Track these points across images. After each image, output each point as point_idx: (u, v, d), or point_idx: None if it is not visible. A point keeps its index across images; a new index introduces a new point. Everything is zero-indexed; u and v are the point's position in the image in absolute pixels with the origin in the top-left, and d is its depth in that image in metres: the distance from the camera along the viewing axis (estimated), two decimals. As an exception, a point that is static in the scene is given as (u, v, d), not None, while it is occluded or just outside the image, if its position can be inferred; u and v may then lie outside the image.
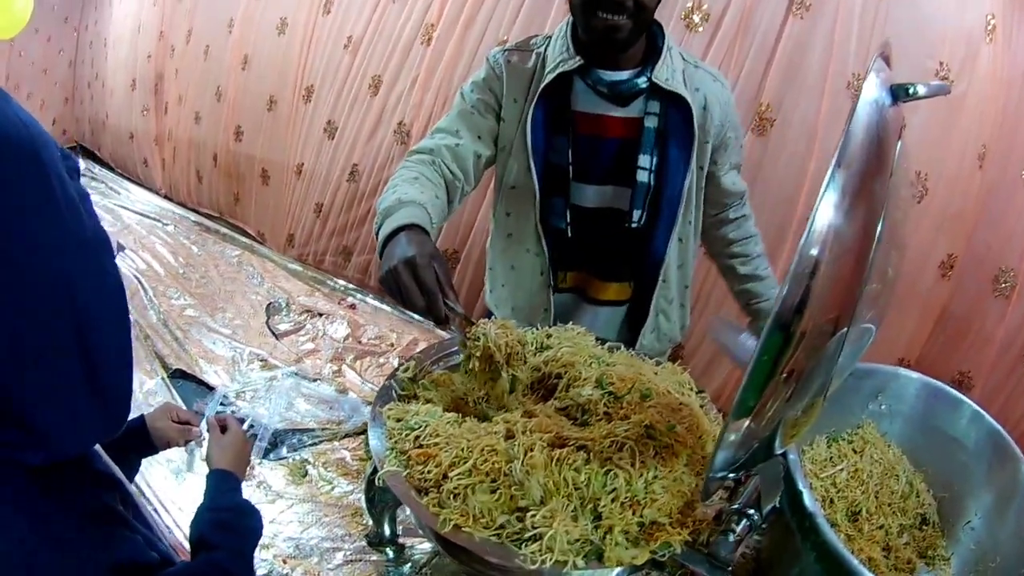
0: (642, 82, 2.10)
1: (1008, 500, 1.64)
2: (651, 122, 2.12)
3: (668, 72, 2.10)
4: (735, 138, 2.28)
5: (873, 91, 1.02)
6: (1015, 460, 1.64)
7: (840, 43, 3.66)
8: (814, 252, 0.93)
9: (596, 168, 2.19)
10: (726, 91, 2.25)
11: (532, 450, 1.37)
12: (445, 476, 1.35)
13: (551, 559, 1.22)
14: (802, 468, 1.55)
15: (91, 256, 1.06)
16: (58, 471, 1.14)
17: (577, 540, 1.26)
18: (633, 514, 1.31)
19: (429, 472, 1.36)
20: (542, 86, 2.11)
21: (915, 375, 1.87)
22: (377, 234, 1.79)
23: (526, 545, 1.25)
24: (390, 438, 1.47)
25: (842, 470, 1.74)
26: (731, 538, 1.27)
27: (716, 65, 3.70)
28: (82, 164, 4.17)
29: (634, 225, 2.19)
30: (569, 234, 2.22)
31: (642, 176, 2.14)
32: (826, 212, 0.93)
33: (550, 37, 2.21)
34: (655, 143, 2.13)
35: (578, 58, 2.08)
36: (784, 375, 0.97)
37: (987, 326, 3.91)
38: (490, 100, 2.21)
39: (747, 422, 1.05)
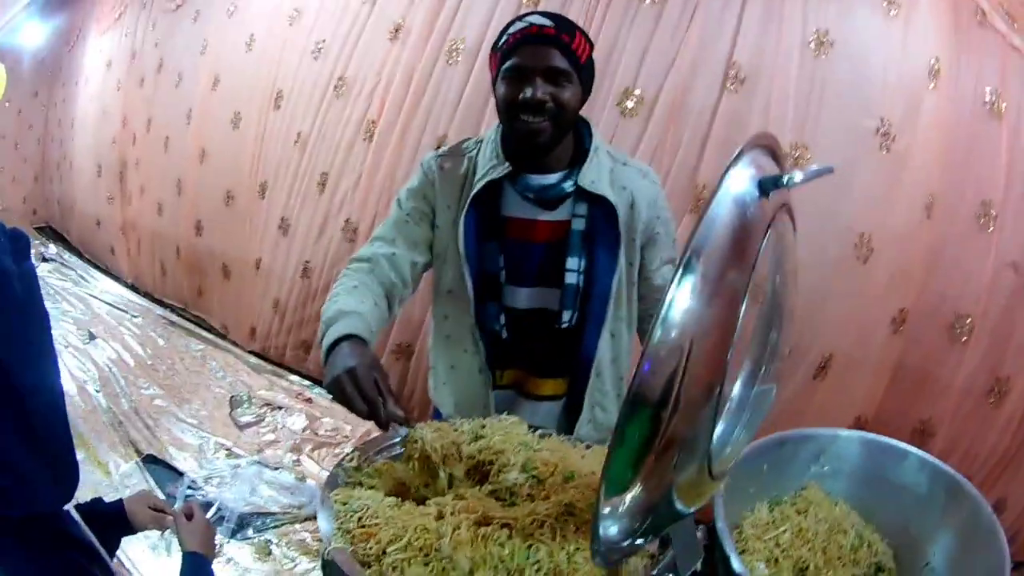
0: (568, 186, 2.15)
1: (970, 537, 1.65)
2: (578, 224, 2.17)
3: (594, 174, 2.16)
4: (664, 233, 2.31)
5: (737, 186, 1.08)
6: (971, 498, 1.65)
7: (776, 115, 3.72)
8: (672, 335, 1.00)
9: (527, 271, 2.24)
10: (655, 187, 2.29)
11: (459, 528, 1.46)
12: (384, 552, 1.43)
13: (480, 626, 1.28)
14: (742, 533, 1.60)
15: (18, 328, 1.17)
16: (38, 529, 1.25)
17: (505, 609, 1.32)
18: None
19: (371, 548, 1.44)
20: (472, 194, 2.17)
21: (856, 433, 1.87)
22: (321, 342, 1.90)
23: (458, 614, 1.31)
24: (337, 519, 1.54)
25: (785, 531, 1.72)
26: (652, 599, 1.30)
27: (652, 148, 3.79)
28: (53, 249, 4.31)
29: (564, 325, 2.22)
30: (504, 335, 2.26)
31: (570, 278, 2.18)
32: (683, 297, 1.00)
33: (482, 141, 2.27)
34: (582, 245, 2.18)
35: (507, 164, 2.15)
36: (661, 448, 1.05)
37: (945, 373, 3.93)
38: (424, 208, 2.27)
39: (633, 492, 1.11)
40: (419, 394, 4.44)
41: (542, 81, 2.01)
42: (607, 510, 1.13)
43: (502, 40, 2.08)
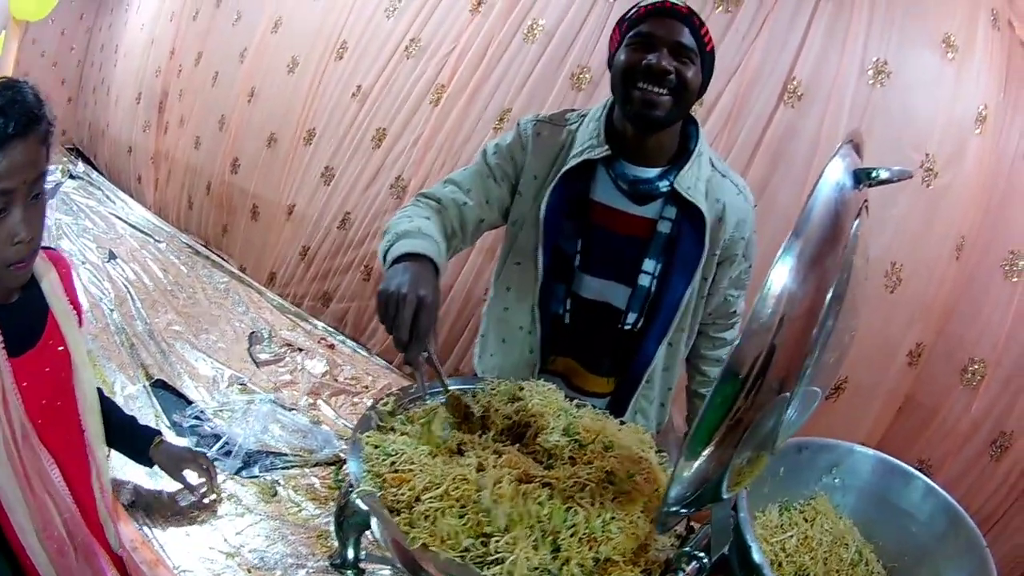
0: (663, 186, 2.08)
1: (961, 569, 1.63)
2: (664, 227, 2.11)
3: (691, 180, 2.08)
4: (743, 256, 2.25)
5: (836, 173, 1.10)
6: (968, 529, 1.65)
7: (828, 134, 3.72)
8: (768, 311, 1.01)
9: (601, 261, 2.17)
10: (747, 207, 2.21)
11: (500, 482, 1.45)
12: (417, 499, 1.41)
13: (511, 582, 1.28)
14: (753, 531, 1.60)
15: None
16: None
17: (536, 568, 1.32)
18: (590, 549, 1.36)
19: (402, 495, 1.43)
20: (564, 169, 2.09)
21: (871, 451, 1.86)
22: (388, 249, 1.82)
23: (488, 568, 1.31)
24: (367, 462, 1.54)
25: (792, 536, 1.72)
26: None
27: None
28: (81, 167, 4.31)
29: (627, 327, 2.19)
30: (566, 321, 2.22)
31: (644, 280, 2.14)
32: (781, 276, 1.01)
33: (585, 115, 2.19)
34: (663, 248, 2.12)
35: (606, 147, 2.06)
36: (732, 423, 1.06)
37: (952, 415, 3.92)
38: (509, 169, 2.20)
39: (698, 462, 1.13)
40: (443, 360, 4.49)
41: (668, 53, 1.95)
42: (681, 473, 1.13)
43: (631, 11, 2.03)
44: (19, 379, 1.55)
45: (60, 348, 1.71)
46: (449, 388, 1.79)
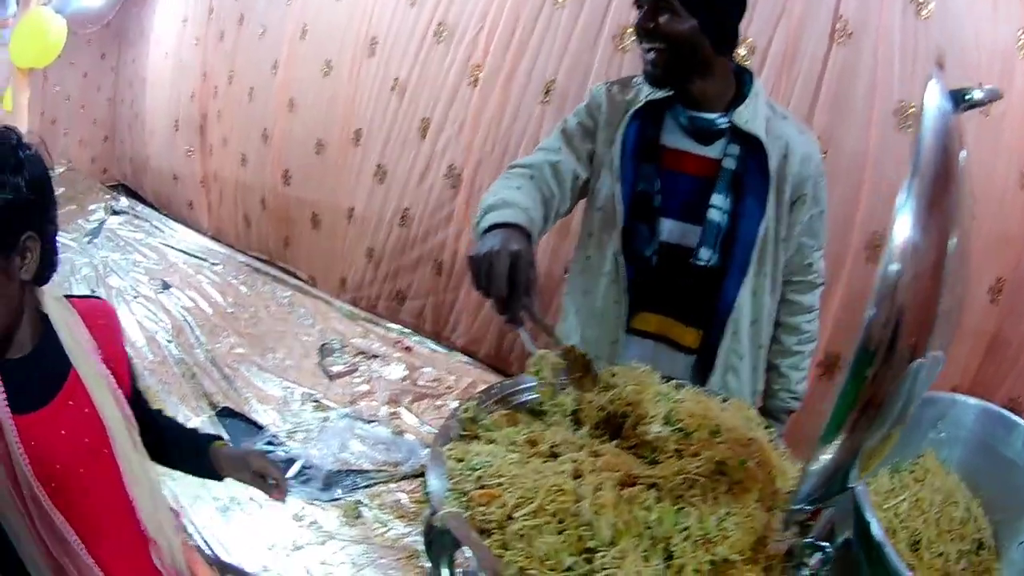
0: (721, 122, 2.13)
1: None
2: (729, 163, 2.14)
3: (749, 115, 2.12)
4: (813, 198, 2.24)
5: (935, 98, 1.03)
6: None
7: (883, 69, 3.69)
8: (896, 268, 0.90)
9: (674, 203, 2.19)
10: (812, 145, 2.26)
11: (601, 489, 1.34)
12: (510, 517, 1.30)
13: (622, 601, 1.16)
14: (870, 504, 1.51)
15: None
16: None
17: (648, 580, 1.21)
18: (705, 552, 1.26)
19: (492, 513, 1.32)
20: (634, 109, 2.17)
21: (973, 401, 1.78)
22: (477, 225, 1.86)
23: (595, 586, 1.20)
24: (450, 478, 1.43)
25: (904, 500, 1.65)
26: (805, 572, 1.23)
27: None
28: (124, 202, 4.27)
29: (701, 262, 2.16)
30: (653, 262, 2.19)
31: (713, 214, 2.13)
32: (904, 226, 0.91)
33: None
34: (731, 185, 2.14)
35: (669, 90, 2.14)
36: (864, 403, 0.97)
37: None
38: (589, 125, 2.25)
39: (829, 453, 1.03)
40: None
41: (650, 10, 2.03)
42: (810, 468, 1.08)
43: None
44: (25, 439, 1.42)
45: (86, 410, 1.55)
46: (561, 343, 1.74)
